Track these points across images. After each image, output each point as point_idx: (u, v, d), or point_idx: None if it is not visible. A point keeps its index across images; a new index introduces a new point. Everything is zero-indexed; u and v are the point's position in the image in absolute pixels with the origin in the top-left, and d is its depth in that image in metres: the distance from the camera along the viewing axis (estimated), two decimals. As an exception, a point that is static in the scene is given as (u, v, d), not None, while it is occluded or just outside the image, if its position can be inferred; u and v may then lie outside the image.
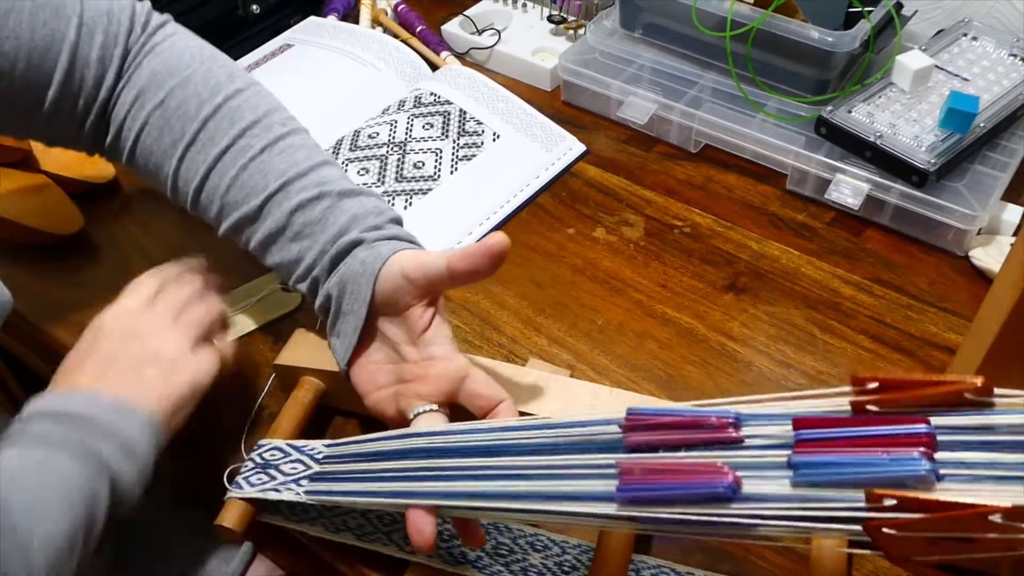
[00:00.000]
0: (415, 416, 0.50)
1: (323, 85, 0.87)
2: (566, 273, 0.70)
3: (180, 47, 0.57)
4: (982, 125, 0.70)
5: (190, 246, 0.73)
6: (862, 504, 0.32)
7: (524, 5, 0.96)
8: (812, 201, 0.75)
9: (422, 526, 0.44)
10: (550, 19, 0.92)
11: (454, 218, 0.74)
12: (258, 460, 0.52)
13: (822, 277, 0.69)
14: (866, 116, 0.72)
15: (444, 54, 0.92)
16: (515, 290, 0.69)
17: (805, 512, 0.33)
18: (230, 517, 0.50)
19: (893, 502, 0.31)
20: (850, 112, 0.72)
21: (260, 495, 0.50)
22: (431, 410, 0.50)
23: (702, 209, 0.75)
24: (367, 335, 0.53)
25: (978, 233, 0.69)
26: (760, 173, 0.78)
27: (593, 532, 0.50)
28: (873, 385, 0.34)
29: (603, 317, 0.66)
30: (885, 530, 0.31)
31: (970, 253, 0.69)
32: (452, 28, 0.93)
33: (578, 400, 0.53)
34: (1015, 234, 0.70)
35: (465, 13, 0.94)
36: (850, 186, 0.71)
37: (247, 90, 0.57)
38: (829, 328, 0.65)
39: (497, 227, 0.74)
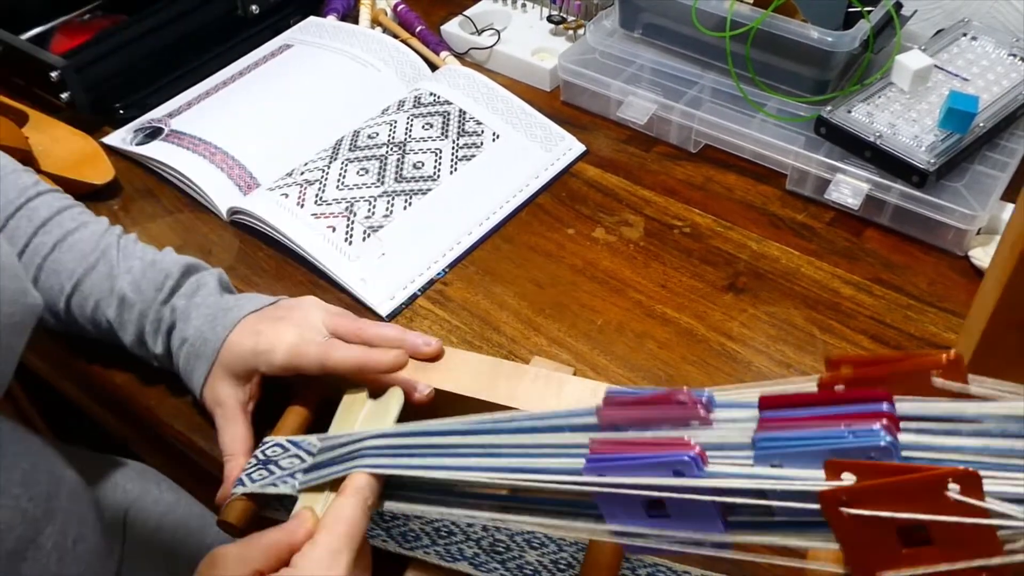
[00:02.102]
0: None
1: (323, 85, 0.87)
2: (566, 273, 0.70)
3: None
4: (982, 125, 0.70)
5: (189, 247, 0.73)
6: (820, 479, 0.32)
7: (524, 5, 0.96)
8: (812, 201, 0.75)
9: None
10: (550, 19, 0.92)
11: (454, 218, 0.74)
12: (260, 457, 0.53)
13: (822, 277, 0.69)
14: (866, 116, 0.72)
15: (444, 54, 0.92)
16: (515, 290, 0.69)
17: (764, 487, 0.33)
18: (232, 513, 0.51)
19: (852, 478, 0.31)
20: (850, 112, 0.72)
21: (260, 490, 0.51)
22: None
23: (702, 209, 0.75)
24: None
25: (978, 233, 0.69)
26: (760, 173, 0.78)
27: None
28: (846, 368, 0.35)
29: (603, 317, 0.66)
30: (843, 510, 0.31)
31: (970, 253, 0.69)
32: (451, 28, 0.93)
33: (578, 398, 0.53)
34: (1015, 234, 0.70)
35: (465, 13, 0.94)
36: (850, 186, 0.71)
37: (46, 193, 0.60)
38: (829, 328, 0.65)
39: (497, 227, 0.74)
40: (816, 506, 0.31)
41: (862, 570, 0.32)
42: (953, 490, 0.28)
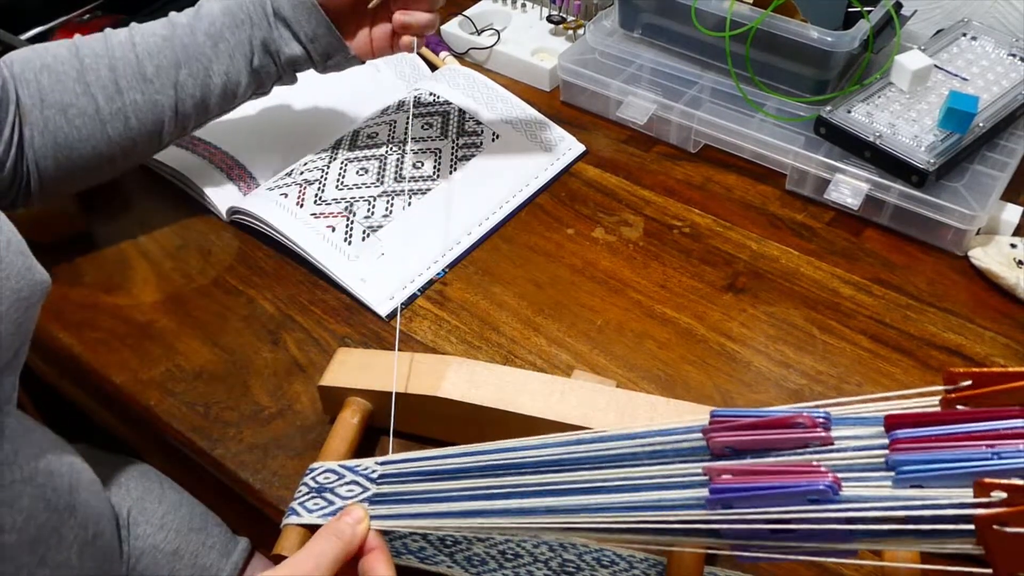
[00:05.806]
0: None
1: (322, 85, 0.86)
2: (565, 273, 0.70)
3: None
4: (981, 125, 0.70)
5: (190, 246, 0.73)
6: (970, 500, 0.30)
7: (523, 5, 0.96)
8: (811, 201, 0.75)
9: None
10: (549, 19, 0.92)
11: (453, 218, 0.74)
12: (312, 484, 0.49)
13: (821, 277, 0.69)
14: (865, 116, 0.72)
15: (443, 54, 0.92)
16: (514, 290, 0.69)
17: (910, 512, 0.32)
18: (289, 546, 0.47)
19: (1002, 495, 0.29)
20: (849, 112, 0.72)
21: (319, 520, 0.47)
22: None
23: (701, 209, 0.75)
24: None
25: (977, 233, 0.69)
26: (759, 173, 0.78)
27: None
28: (966, 383, 0.33)
29: (602, 317, 0.66)
30: (996, 527, 0.30)
31: (969, 253, 0.69)
32: (451, 28, 0.93)
33: (634, 412, 0.51)
34: (1014, 234, 0.70)
35: (464, 13, 0.94)
36: (849, 186, 0.71)
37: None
38: (828, 328, 0.65)
39: (496, 227, 0.74)
40: (968, 526, 0.30)
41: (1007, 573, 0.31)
42: None
